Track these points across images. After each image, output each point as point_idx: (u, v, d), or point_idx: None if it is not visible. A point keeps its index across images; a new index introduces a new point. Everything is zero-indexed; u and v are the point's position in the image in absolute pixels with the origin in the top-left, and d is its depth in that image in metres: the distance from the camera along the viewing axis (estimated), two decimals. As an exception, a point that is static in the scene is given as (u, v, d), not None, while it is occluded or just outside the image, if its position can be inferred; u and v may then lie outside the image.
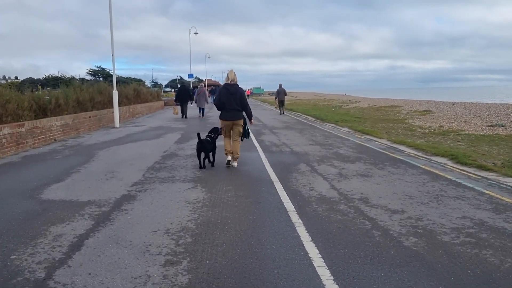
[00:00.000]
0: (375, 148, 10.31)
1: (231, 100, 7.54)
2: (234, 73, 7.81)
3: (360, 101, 43.73)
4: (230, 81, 7.71)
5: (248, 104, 7.83)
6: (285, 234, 4.11)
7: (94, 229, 4.28)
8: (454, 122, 17.91)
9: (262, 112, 27.16)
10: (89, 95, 16.50)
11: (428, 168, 7.60)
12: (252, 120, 8.27)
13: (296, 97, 74.19)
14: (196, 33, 46.07)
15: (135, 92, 24.32)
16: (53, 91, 18.30)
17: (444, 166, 7.86)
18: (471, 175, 7.07)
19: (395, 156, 9.09)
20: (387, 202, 5.26)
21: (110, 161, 8.39)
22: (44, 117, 12.33)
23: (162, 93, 72.34)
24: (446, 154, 9.12)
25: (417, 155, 9.24)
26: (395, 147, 10.56)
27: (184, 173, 7.18)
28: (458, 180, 6.57)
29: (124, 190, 5.95)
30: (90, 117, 15.05)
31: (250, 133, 13.10)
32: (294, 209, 4.96)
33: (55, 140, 11.93)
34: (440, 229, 4.24)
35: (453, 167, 7.81)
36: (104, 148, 10.38)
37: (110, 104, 17.35)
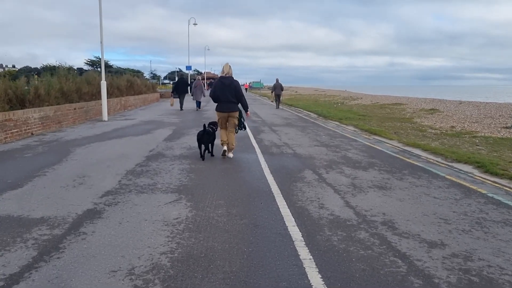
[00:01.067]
0: (387, 152, 9.19)
1: (226, 92, 7.65)
2: (230, 66, 7.90)
3: (361, 98, 42.62)
4: (225, 74, 7.82)
5: (243, 96, 7.87)
6: (291, 281, 3.00)
7: (32, 266, 3.16)
8: (465, 123, 16.82)
9: (261, 107, 26.00)
10: (76, 85, 15.29)
11: (454, 179, 6.49)
12: (248, 112, 8.15)
13: (296, 92, 73.01)
14: (195, 24, 44.85)
15: (128, 83, 23.09)
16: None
17: (472, 177, 6.76)
18: (507, 189, 5.97)
19: (412, 162, 7.98)
20: (418, 229, 4.14)
21: (85, 162, 7.26)
22: (22, 109, 11.19)
23: (160, 85, 71.05)
24: (469, 160, 8.02)
25: (437, 161, 8.14)
26: (409, 151, 9.45)
27: (168, 179, 6.05)
28: (496, 197, 5.46)
29: (91, 203, 4.82)
30: (75, 109, 13.86)
31: (248, 131, 12.01)
32: (302, 238, 3.84)
33: (32, 134, 10.78)
34: (501, 276, 3.13)
35: (483, 178, 6.70)
36: (83, 144, 9.23)
37: (100, 95, 16.15)
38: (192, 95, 22.51)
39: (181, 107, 21.48)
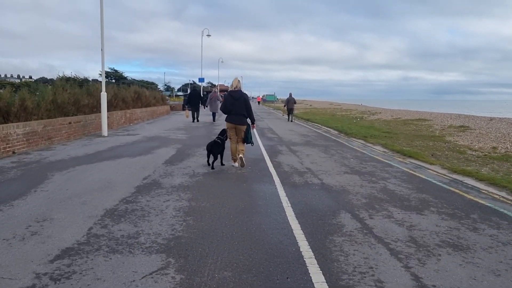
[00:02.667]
0: (436, 182, 7.46)
1: (236, 105, 7.98)
2: (239, 80, 8.29)
3: (380, 112, 40.74)
4: (234, 88, 8.13)
5: (251, 109, 8.20)
6: None
7: None
8: (506, 142, 14.94)
9: (276, 122, 24.39)
10: (74, 96, 13.89)
11: (548, 230, 4.74)
12: (255, 124, 8.61)
13: (310, 105, 71.35)
14: (209, 35, 43.82)
15: (135, 94, 21.72)
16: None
17: None
18: None
19: (475, 199, 6.24)
20: None
21: (57, 195, 5.68)
22: (6, 123, 9.76)
23: (174, 97, 70.10)
24: (546, 197, 6.26)
25: (504, 198, 6.40)
26: (460, 181, 7.71)
27: (157, 227, 4.43)
28: None
29: (31, 274, 3.21)
30: (70, 123, 12.39)
31: (263, 151, 10.40)
32: None
33: (13, 152, 9.30)
34: None
35: None
36: (67, 168, 7.69)
37: (102, 108, 14.71)
38: (205, 107, 22.51)
39: (193, 119, 21.29)
